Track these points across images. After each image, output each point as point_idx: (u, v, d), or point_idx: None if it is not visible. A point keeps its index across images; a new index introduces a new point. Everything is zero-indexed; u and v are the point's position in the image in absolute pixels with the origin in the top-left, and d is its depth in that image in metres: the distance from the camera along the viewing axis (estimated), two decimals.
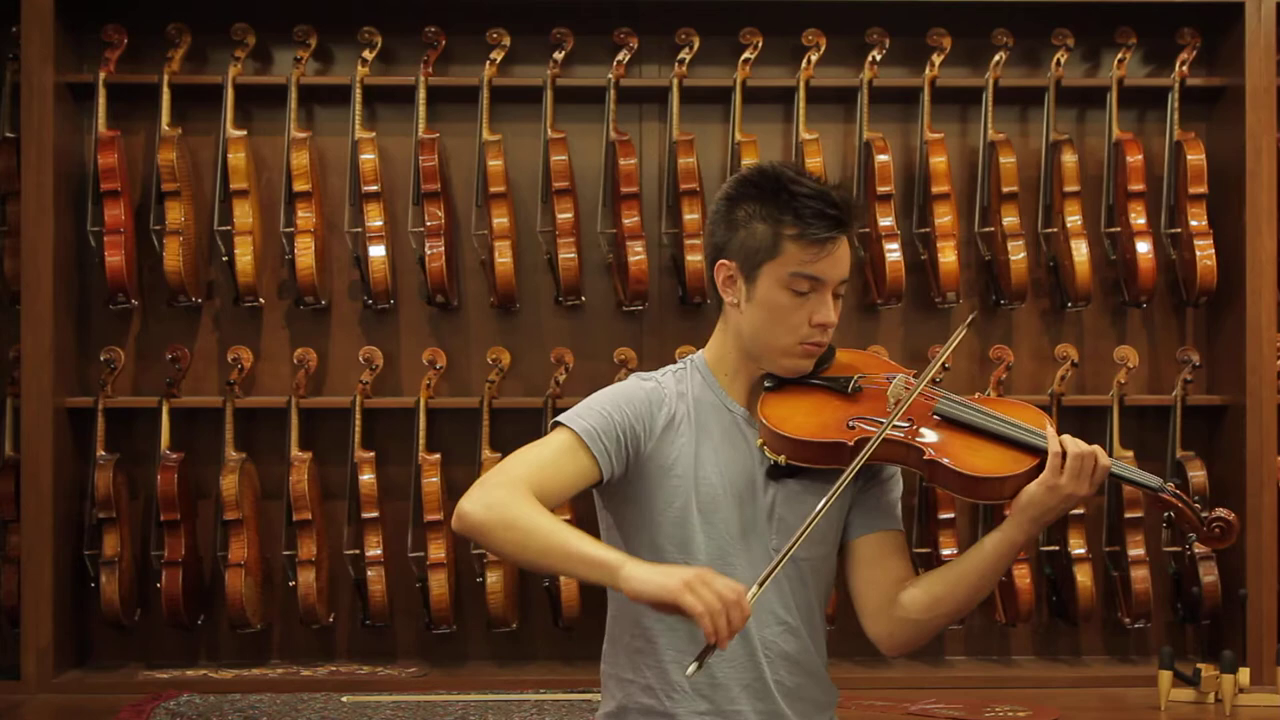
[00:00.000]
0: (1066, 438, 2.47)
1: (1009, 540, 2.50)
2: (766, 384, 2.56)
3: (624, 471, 2.49)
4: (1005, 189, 4.63)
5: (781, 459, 2.49)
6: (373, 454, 4.58)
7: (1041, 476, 2.46)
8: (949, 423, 2.54)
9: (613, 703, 2.57)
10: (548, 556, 2.31)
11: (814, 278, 2.48)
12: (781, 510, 2.52)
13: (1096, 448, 2.48)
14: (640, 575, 2.24)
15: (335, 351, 4.77)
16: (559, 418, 2.49)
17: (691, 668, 2.23)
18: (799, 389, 2.56)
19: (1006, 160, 4.63)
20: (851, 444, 2.46)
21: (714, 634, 2.19)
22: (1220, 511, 2.48)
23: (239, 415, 4.61)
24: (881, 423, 2.48)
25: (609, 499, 2.56)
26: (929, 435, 2.52)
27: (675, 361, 2.67)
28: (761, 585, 2.30)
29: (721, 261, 2.53)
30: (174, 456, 4.53)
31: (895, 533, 2.60)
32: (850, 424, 2.51)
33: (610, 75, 4.65)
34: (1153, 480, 2.52)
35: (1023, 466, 2.51)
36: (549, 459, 2.43)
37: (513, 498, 2.34)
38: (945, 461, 2.48)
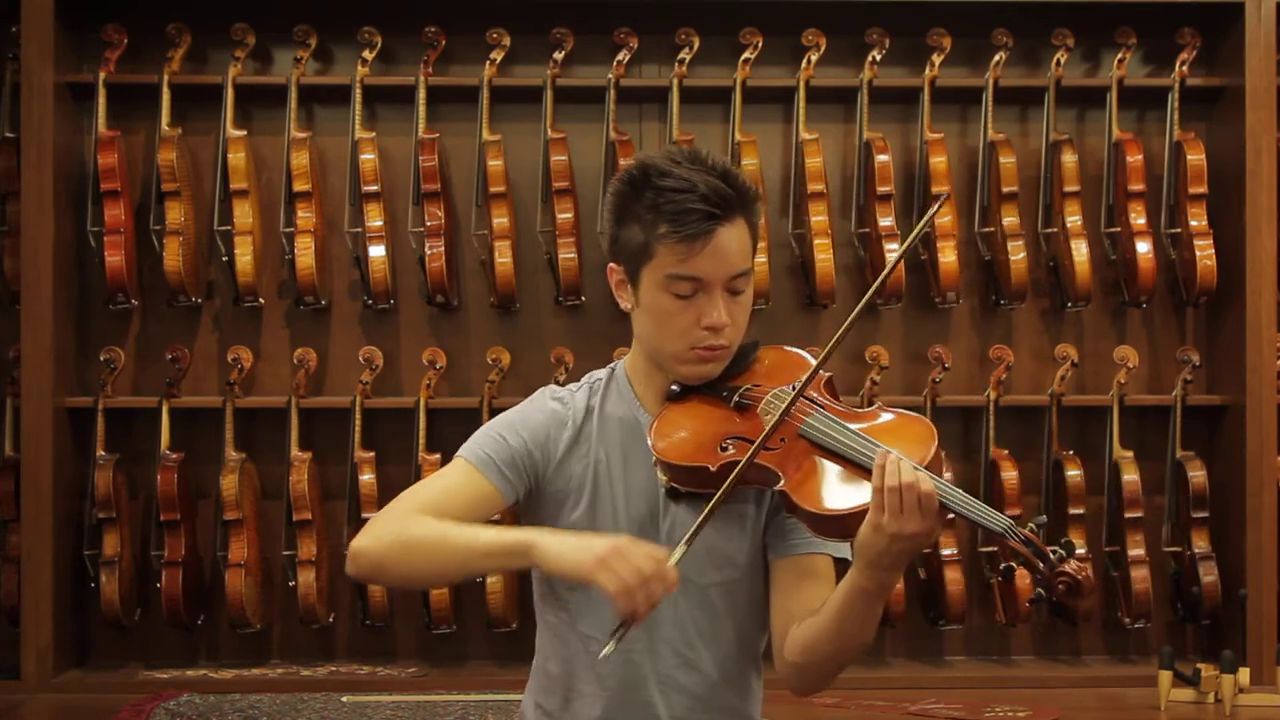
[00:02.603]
0: (891, 465, 2.08)
1: (856, 588, 2.13)
2: (672, 390, 2.34)
3: (526, 497, 2.36)
4: (1005, 189, 4.63)
5: (665, 480, 2.27)
6: (373, 454, 4.58)
7: (867, 516, 2.08)
8: (814, 446, 2.20)
9: None
10: (459, 560, 2.20)
11: (692, 277, 2.25)
12: (682, 534, 2.25)
13: (910, 475, 2.07)
14: (555, 549, 2.13)
15: (335, 351, 4.77)
16: (460, 449, 2.36)
17: (608, 647, 2.11)
18: (698, 399, 2.32)
19: (1006, 160, 4.63)
20: (714, 469, 2.20)
21: (631, 614, 2.07)
22: (1070, 567, 2.03)
23: (239, 415, 4.61)
24: (752, 443, 2.20)
25: (529, 519, 2.40)
26: (789, 461, 2.20)
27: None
28: (688, 544, 2.14)
29: (610, 265, 2.36)
30: (174, 456, 4.53)
31: (812, 556, 2.29)
32: (724, 444, 2.24)
33: (610, 75, 4.65)
34: (998, 523, 2.07)
35: (864, 500, 2.12)
36: (444, 488, 2.31)
37: (404, 522, 2.23)
38: (790, 493, 2.16)
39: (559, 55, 4.64)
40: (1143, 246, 4.62)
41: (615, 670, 2.31)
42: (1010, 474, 4.59)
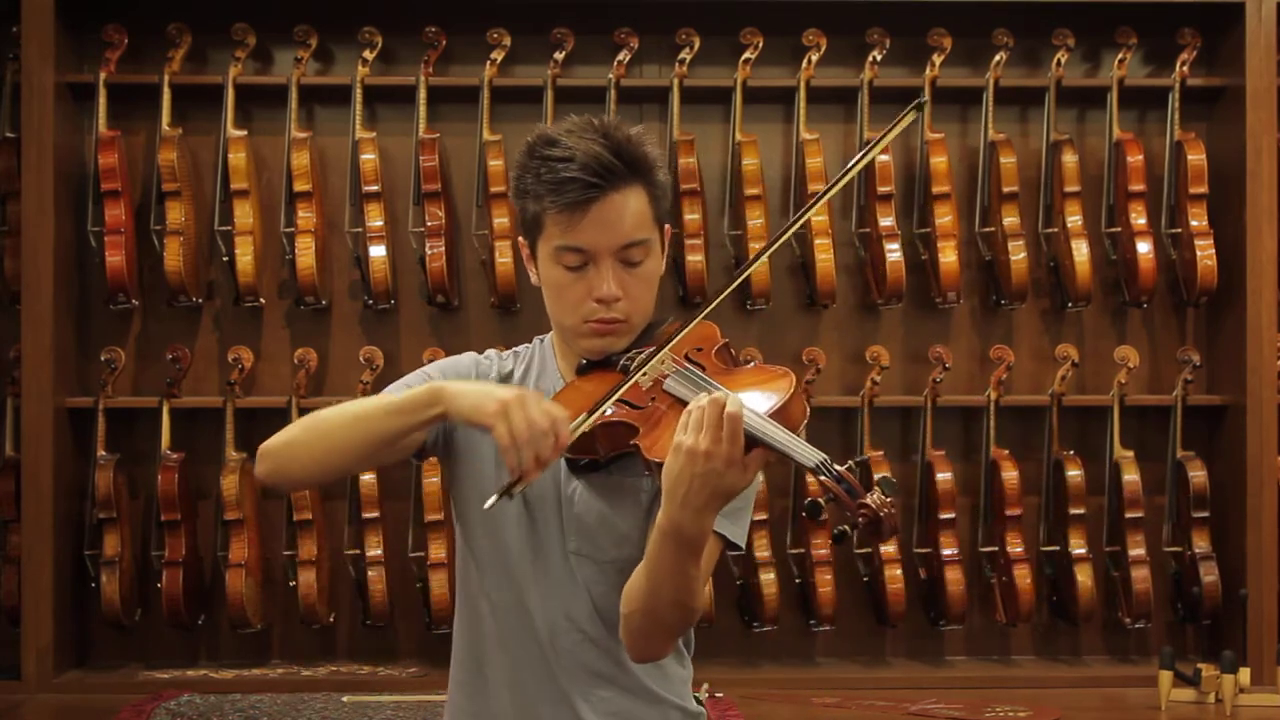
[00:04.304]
0: (704, 395, 2.05)
1: (660, 530, 2.06)
2: (580, 363, 2.30)
3: (444, 445, 2.31)
4: (1005, 189, 4.63)
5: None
6: None
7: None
8: (676, 401, 2.15)
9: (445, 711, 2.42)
10: (368, 425, 2.17)
11: (577, 248, 2.21)
12: (580, 508, 2.26)
13: (720, 398, 2.01)
14: (461, 390, 2.10)
15: (335, 351, 4.77)
16: (387, 388, 2.34)
17: (490, 500, 2.07)
18: (601, 372, 2.28)
19: (1007, 160, 4.63)
20: (584, 431, 2.15)
21: (517, 469, 2.03)
22: (872, 500, 1.95)
23: (239, 415, 4.61)
24: (628, 404, 2.17)
25: (447, 478, 2.38)
26: (652, 418, 2.16)
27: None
28: (590, 415, 2.11)
29: (519, 239, 2.33)
30: (174, 456, 4.53)
31: None
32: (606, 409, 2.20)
33: (610, 75, 4.65)
34: (810, 458, 2.00)
35: None
36: None
37: (313, 414, 2.24)
38: (640, 444, 2.13)
39: (559, 55, 4.63)
40: (1143, 246, 4.62)
41: (519, 639, 2.29)
42: (1011, 474, 4.59)
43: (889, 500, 1.96)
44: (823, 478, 1.99)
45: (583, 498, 2.27)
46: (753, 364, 2.26)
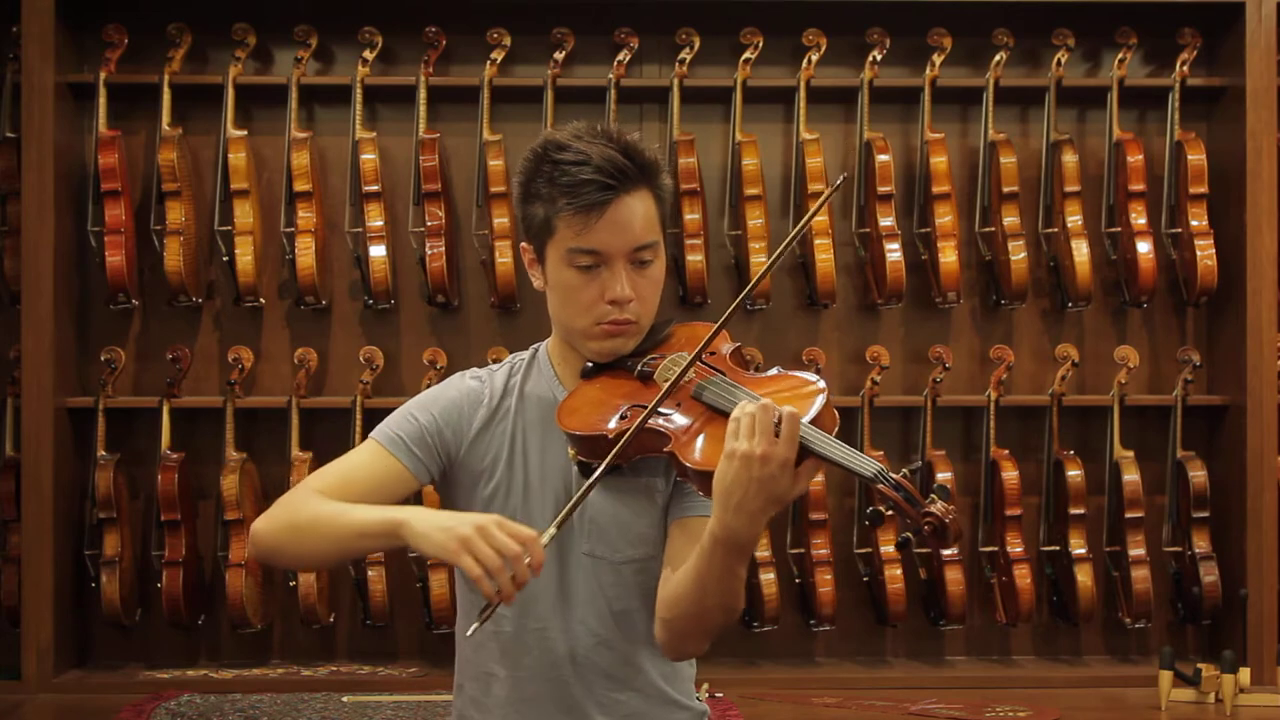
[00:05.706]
0: (752, 402, 2.07)
1: (711, 536, 2.08)
2: (586, 367, 2.33)
3: (442, 477, 2.35)
4: (1006, 189, 4.63)
5: (573, 454, 2.25)
6: None
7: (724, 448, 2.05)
8: (707, 408, 2.18)
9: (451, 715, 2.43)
10: (339, 541, 2.20)
11: (592, 250, 2.24)
12: (594, 511, 2.26)
13: (772, 403, 2.04)
14: (422, 530, 2.10)
15: (335, 351, 4.77)
16: (373, 431, 2.36)
17: (472, 627, 2.09)
18: (609, 375, 2.30)
19: (1007, 160, 4.63)
20: (611, 436, 2.17)
21: (494, 595, 2.03)
22: (937, 509, 1.98)
23: (239, 415, 4.61)
24: (660, 413, 2.18)
25: (443, 503, 2.39)
26: (679, 422, 2.18)
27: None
28: (559, 526, 2.10)
29: (522, 244, 2.35)
30: (174, 456, 4.53)
31: (704, 519, 2.14)
32: (623, 412, 2.21)
33: (610, 75, 4.65)
34: (867, 468, 2.01)
35: None
36: (351, 467, 2.32)
37: (299, 503, 2.25)
38: (678, 453, 2.14)
39: (559, 55, 4.64)
40: (1143, 246, 4.63)
41: (530, 651, 2.30)
42: (1011, 474, 4.59)
43: (951, 506, 1.99)
44: (881, 486, 2.00)
45: (595, 499, 2.26)
46: (775, 370, 2.27)
